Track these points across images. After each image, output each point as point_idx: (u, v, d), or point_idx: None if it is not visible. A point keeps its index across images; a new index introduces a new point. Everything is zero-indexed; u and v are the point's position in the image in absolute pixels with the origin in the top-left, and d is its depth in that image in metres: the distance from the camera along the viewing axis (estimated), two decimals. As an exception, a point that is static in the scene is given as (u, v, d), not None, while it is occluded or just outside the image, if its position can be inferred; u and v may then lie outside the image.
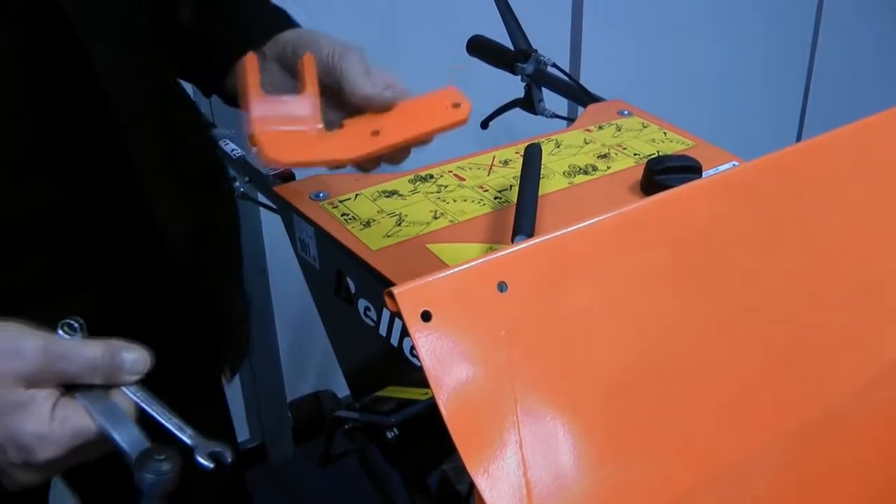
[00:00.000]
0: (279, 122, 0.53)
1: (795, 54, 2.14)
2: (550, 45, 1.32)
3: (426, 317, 0.50)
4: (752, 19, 1.93)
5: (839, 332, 0.64)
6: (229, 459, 0.50)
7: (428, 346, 0.49)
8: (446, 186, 0.97)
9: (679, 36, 1.80)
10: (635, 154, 1.04)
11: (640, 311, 0.57)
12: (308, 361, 1.99)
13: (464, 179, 0.99)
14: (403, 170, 1.03)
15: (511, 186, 0.96)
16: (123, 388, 0.51)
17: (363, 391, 0.84)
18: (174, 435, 0.50)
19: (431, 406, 0.51)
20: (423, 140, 0.57)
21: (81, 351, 0.50)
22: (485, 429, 0.49)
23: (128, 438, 0.49)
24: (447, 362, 0.50)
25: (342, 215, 0.91)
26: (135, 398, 0.52)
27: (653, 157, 1.00)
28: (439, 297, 0.51)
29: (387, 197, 0.95)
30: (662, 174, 0.92)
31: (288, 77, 0.62)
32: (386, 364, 0.88)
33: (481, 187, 0.97)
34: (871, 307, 0.67)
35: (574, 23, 1.61)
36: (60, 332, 0.51)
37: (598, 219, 0.58)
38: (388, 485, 0.85)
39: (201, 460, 0.49)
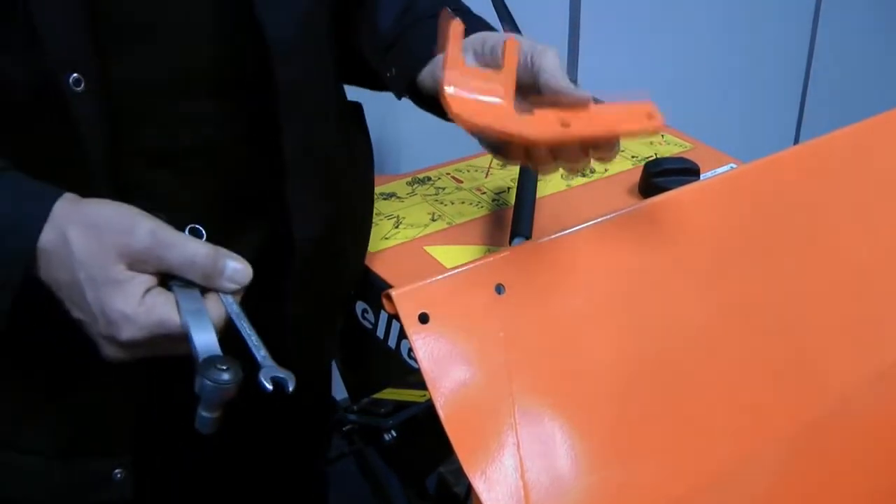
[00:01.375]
0: (473, 90, 0.52)
1: (793, 55, 2.14)
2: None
3: (424, 319, 0.50)
4: (750, 21, 1.93)
5: (838, 334, 0.64)
6: (290, 388, 0.49)
7: (425, 348, 0.49)
8: (444, 189, 0.97)
9: (677, 37, 1.80)
10: (633, 156, 1.04)
11: (639, 314, 0.57)
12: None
13: (461, 182, 0.99)
14: (401, 172, 1.03)
15: (509, 189, 0.96)
16: (221, 295, 0.52)
17: (361, 393, 0.83)
18: (250, 351, 0.51)
19: (429, 408, 0.51)
20: (610, 138, 0.56)
21: (187, 244, 0.51)
22: (482, 431, 0.49)
23: (202, 342, 0.49)
24: (445, 364, 0.50)
25: (340, 217, 0.90)
26: (228, 308, 0.52)
27: (650, 159, 1.00)
28: (437, 299, 0.51)
29: (384, 199, 0.95)
30: (660, 176, 0.92)
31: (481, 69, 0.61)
32: (383, 366, 0.88)
33: (479, 189, 0.97)
34: (870, 308, 0.66)
35: (571, 24, 1.61)
36: (186, 233, 0.53)
37: (595, 221, 0.58)
38: (385, 487, 0.85)
39: (263, 381, 0.49)
